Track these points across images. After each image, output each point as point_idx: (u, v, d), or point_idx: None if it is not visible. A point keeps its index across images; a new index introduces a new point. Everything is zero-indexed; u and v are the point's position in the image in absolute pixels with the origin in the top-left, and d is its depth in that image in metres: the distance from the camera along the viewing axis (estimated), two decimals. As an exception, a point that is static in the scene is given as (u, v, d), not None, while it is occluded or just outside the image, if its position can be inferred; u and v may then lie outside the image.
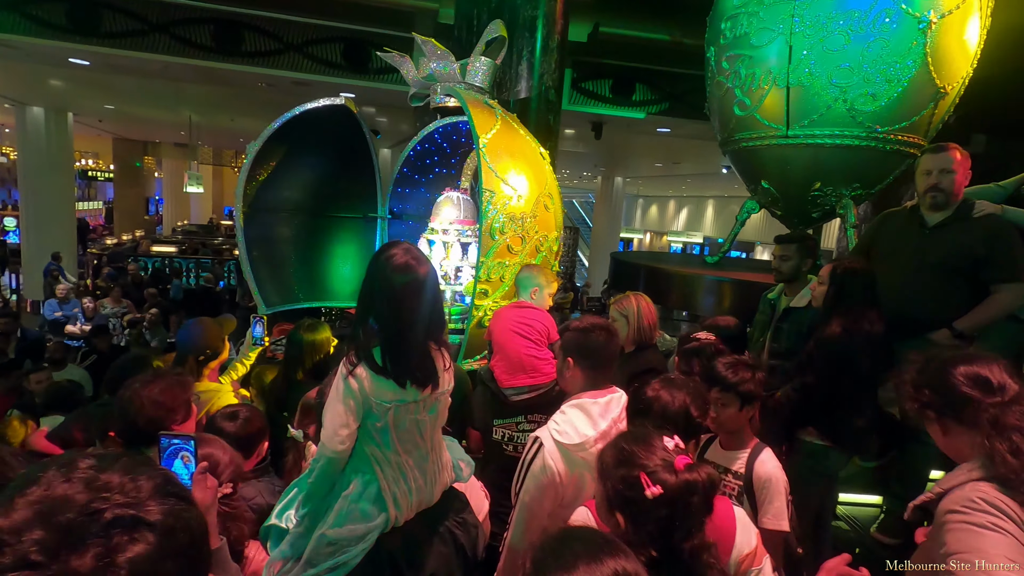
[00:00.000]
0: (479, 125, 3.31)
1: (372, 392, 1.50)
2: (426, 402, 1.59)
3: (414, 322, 1.52)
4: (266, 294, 4.24)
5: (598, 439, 1.64)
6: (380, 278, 1.51)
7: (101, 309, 8.55)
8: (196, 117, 13.44)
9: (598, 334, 1.74)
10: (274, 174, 4.29)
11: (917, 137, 3.81)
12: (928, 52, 3.47)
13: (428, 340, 1.58)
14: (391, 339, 1.51)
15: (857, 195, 4.05)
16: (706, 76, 4.48)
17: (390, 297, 1.50)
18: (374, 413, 1.52)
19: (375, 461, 1.56)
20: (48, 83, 9.76)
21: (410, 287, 1.51)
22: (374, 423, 1.53)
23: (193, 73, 7.59)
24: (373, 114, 10.62)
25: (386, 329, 1.51)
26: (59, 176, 12.52)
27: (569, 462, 1.64)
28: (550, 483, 1.63)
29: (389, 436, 1.55)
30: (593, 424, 1.67)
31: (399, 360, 1.51)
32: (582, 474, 1.64)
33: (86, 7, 6.42)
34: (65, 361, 4.84)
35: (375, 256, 1.57)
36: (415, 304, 1.52)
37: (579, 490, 1.66)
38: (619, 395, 1.76)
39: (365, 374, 1.49)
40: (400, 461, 1.58)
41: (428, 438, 1.64)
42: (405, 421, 1.56)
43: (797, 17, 3.62)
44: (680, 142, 10.67)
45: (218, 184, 27.82)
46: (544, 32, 5.44)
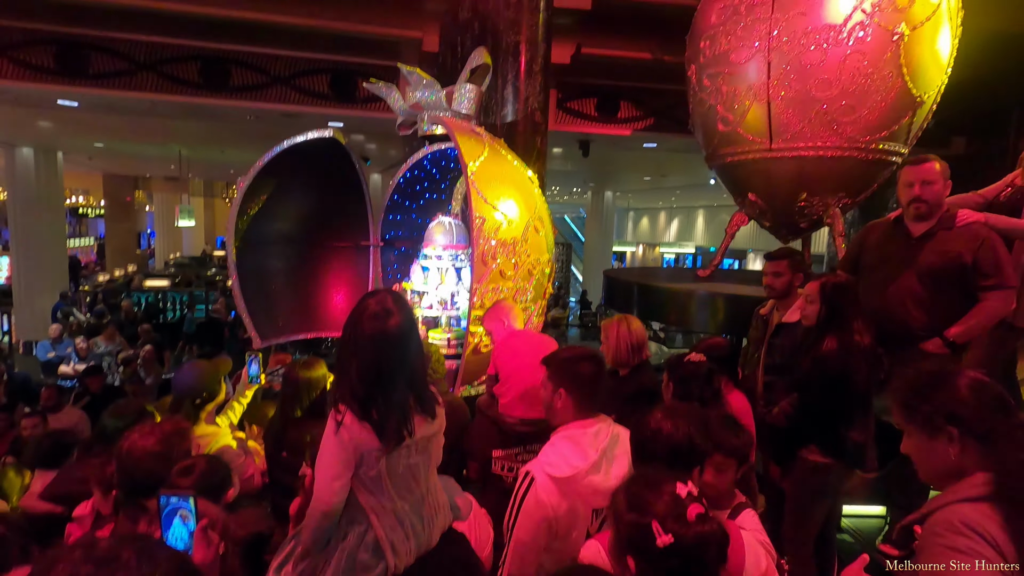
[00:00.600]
0: (467, 153, 3.34)
1: (362, 440, 1.48)
2: (418, 445, 1.58)
3: (392, 370, 1.51)
4: (260, 327, 4.23)
5: (589, 470, 1.63)
6: (356, 328, 1.51)
7: (95, 348, 8.48)
8: (186, 151, 13.50)
9: (586, 364, 1.74)
10: (265, 207, 4.31)
11: (898, 145, 3.88)
12: (903, 63, 3.55)
13: (409, 387, 1.56)
14: (371, 388, 1.49)
15: (843, 205, 4.11)
16: (688, 93, 4.57)
17: (366, 347, 1.50)
18: (366, 462, 1.50)
19: (371, 510, 1.53)
20: (37, 124, 9.80)
21: (384, 336, 1.50)
22: (367, 472, 1.51)
23: (182, 109, 7.65)
24: (362, 141, 10.71)
25: (366, 378, 1.49)
26: (50, 215, 12.51)
27: (562, 495, 1.63)
28: (543, 519, 1.62)
29: (383, 484, 1.53)
30: (583, 455, 1.66)
31: (381, 408, 1.49)
32: (575, 507, 1.63)
33: (73, 50, 6.48)
34: (61, 405, 4.79)
35: (355, 305, 1.57)
36: (391, 353, 1.51)
37: (573, 522, 1.64)
38: (607, 424, 1.75)
39: (353, 423, 1.48)
40: (396, 508, 1.55)
41: (423, 482, 1.62)
42: (398, 466, 1.54)
43: (774, 33, 3.71)
44: (667, 155, 10.79)
45: (209, 215, 27.84)
46: (527, 56, 5.54)
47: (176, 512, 1.09)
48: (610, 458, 1.69)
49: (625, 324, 2.49)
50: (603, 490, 1.59)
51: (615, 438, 1.74)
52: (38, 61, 6.45)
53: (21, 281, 12.29)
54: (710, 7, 4.11)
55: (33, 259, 12.15)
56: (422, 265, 4.19)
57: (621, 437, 1.75)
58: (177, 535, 1.09)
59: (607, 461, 1.67)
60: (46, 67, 6.47)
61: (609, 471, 1.66)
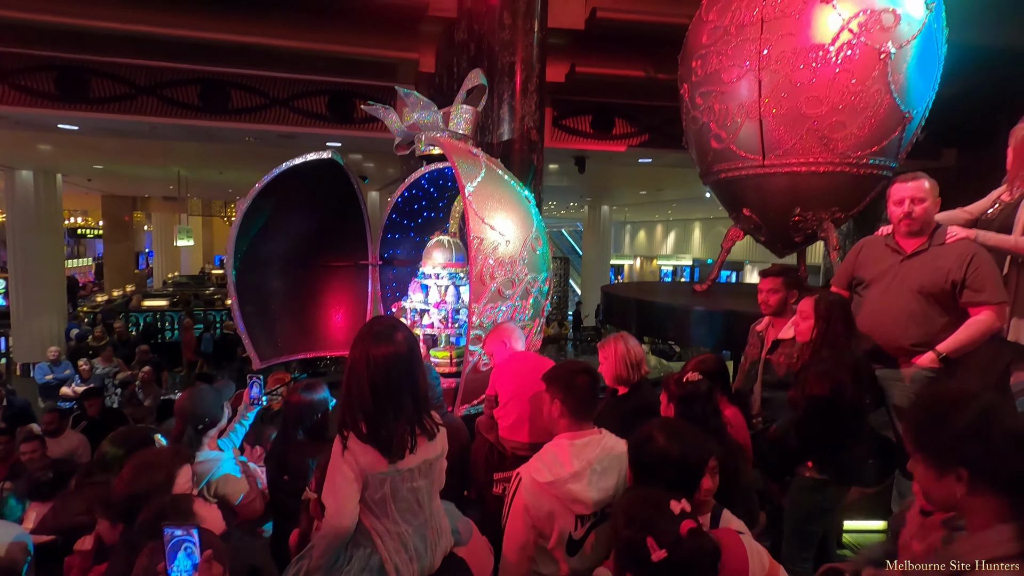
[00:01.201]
0: (464, 174, 3.39)
1: (367, 464, 1.52)
2: (421, 469, 1.61)
3: (399, 392, 1.56)
4: (260, 348, 4.23)
5: (569, 479, 1.71)
6: (363, 351, 1.56)
7: (94, 370, 8.45)
8: (185, 172, 13.59)
9: (582, 378, 1.83)
10: (264, 228, 4.34)
11: (888, 160, 3.94)
12: (891, 80, 3.63)
13: (412, 410, 1.60)
14: (378, 409, 1.54)
15: (836, 219, 4.16)
16: (682, 111, 4.64)
17: (374, 369, 1.54)
18: (371, 484, 1.54)
19: (375, 533, 1.57)
20: (37, 147, 9.87)
21: (391, 360, 1.55)
22: (372, 495, 1.55)
23: (182, 131, 7.72)
24: (360, 160, 10.80)
25: (373, 400, 1.54)
26: (48, 236, 12.52)
27: (541, 498, 1.72)
28: (526, 517, 1.73)
29: (387, 507, 1.57)
30: (567, 464, 1.74)
31: (388, 429, 1.54)
32: (554, 510, 1.71)
33: (74, 75, 6.56)
34: (62, 429, 4.77)
35: (361, 329, 1.62)
36: (398, 375, 1.56)
37: (552, 525, 1.72)
38: (600, 437, 1.82)
39: (358, 447, 1.52)
40: (400, 531, 1.58)
41: (426, 505, 1.66)
42: (402, 489, 1.58)
43: (764, 52, 3.79)
44: (662, 170, 10.89)
45: (208, 234, 27.92)
46: (522, 76, 5.62)
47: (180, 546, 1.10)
48: (597, 470, 1.75)
49: (623, 342, 2.51)
50: (583, 499, 1.70)
51: (608, 451, 1.79)
52: (39, 86, 6.52)
53: (19, 303, 12.27)
54: (701, 28, 4.20)
55: (31, 281, 12.15)
56: (422, 284, 4.21)
57: (616, 451, 1.80)
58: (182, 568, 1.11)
59: (593, 472, 1.73)
60: (47, 92, 6.54)
61: (594, 482, 1.73)
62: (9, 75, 6.43)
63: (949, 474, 1.13)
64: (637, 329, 4.67)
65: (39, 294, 12.12)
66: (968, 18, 4.28)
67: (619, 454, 1.79)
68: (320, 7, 6.15)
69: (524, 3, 5.54)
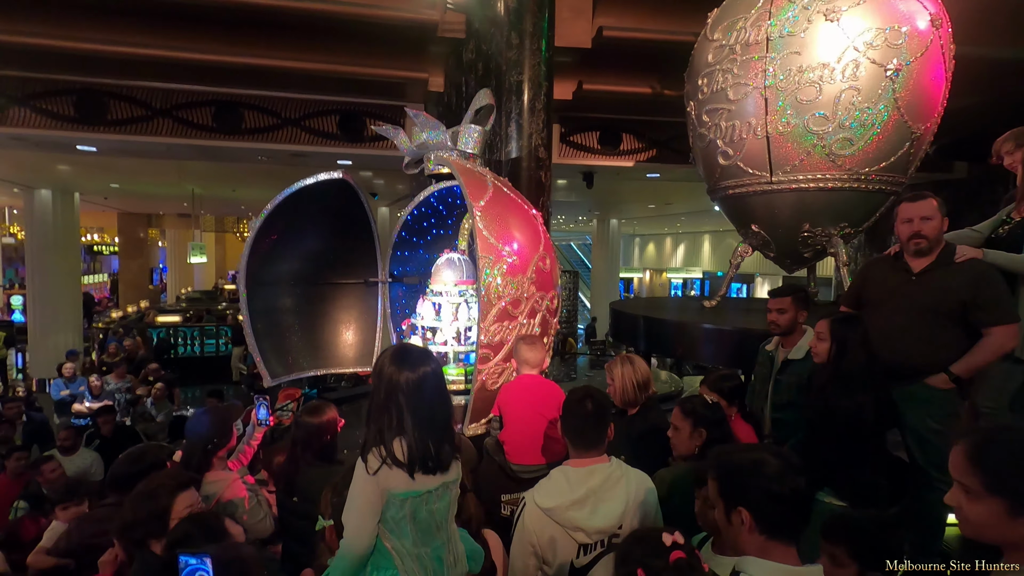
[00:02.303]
0: (472, 193, 3.42)
1: (389, 485, 1.54)
2: (439, 492, 1.63)
3: (425, 415, 1.58)
4: (271, 365, 4.27)
5: (571, 505, 1.71)
6: (390, 375, 1.58)
7: (106, 386, 8.54)
8: (198, 190, 13.81)
9: (585, 405, 1.83)
10: (275, 246, 4.40)
11: (897, 175, 3.93)
12: (897, 97, 3.63)
13: (441, 430, 1.64)
14: (403, 431, 1.56)
15: (845, 234, 4.14)
16: (688, 128, 4.66)
17: (402, 393, 1.57)
18: (392, 506, 1.56)
19: (396, 554, 1.58)
20: (56, 168, 10.10)
21: (416, 383, 1.58)
22: (393, 516, 1.57)
23: (195, 152, 7.88)
24: (370, 177, 10.92)
25: (399, 422, 1.56)
26: (66, 254, 12.75)
27: (543, 523, 1.73)
28: (528, 542, 1.74)
29: (407, 528, 1.58)
30: (569, 490, 1.74)
31: (413, 450, 1.56)
32: (555, 536, 1.72)
33: (92, 98, 6.73)
34: (77, 446, 4.82)
35: (382, 354, 1.65)
36: (424, 400, 1.59)
37: (554, 551, 1.73)
38: (606, 465, 1.81)
39: (383, 469, 1.54)
40: (419, 553, 1.60)
41: (443, 528, 1.67)
42: (422, 511, 1.59)
43: (769, 71, 3.81)
44: (670, 184, 10.91)
45: (220, 250, 28.27)
46: (530, 94, 5.69)
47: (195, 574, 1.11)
48: (601, 498, 1.74)
49: (629, 364, 2.52)
50: (584, 527, 1.70)
51: (614, 480, 1.78)
52: (58, 109, 6.70)
53: (36, 319, 12.47)
54: (706, 46, 4.23)
55: (48, 297, 12.34)
56: (433, 301, 4.23)
57: (624, 480, 1.79)
58: None
59: (596, 500, 1.73)
60: (66, 115, 6.72)
61: (596, 509, 1.73)
62: (31, 99, 6.62)
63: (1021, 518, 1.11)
64: (645, 346, 4.65)
65: (56, 311, 12.30)
66: (978, 30, 4.28)
67: (627, 482, 1.78)
68: (331, 28, 6.28)
69: (531, 23, 5.63)
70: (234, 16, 6.09)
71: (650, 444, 2.32)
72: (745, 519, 1.28)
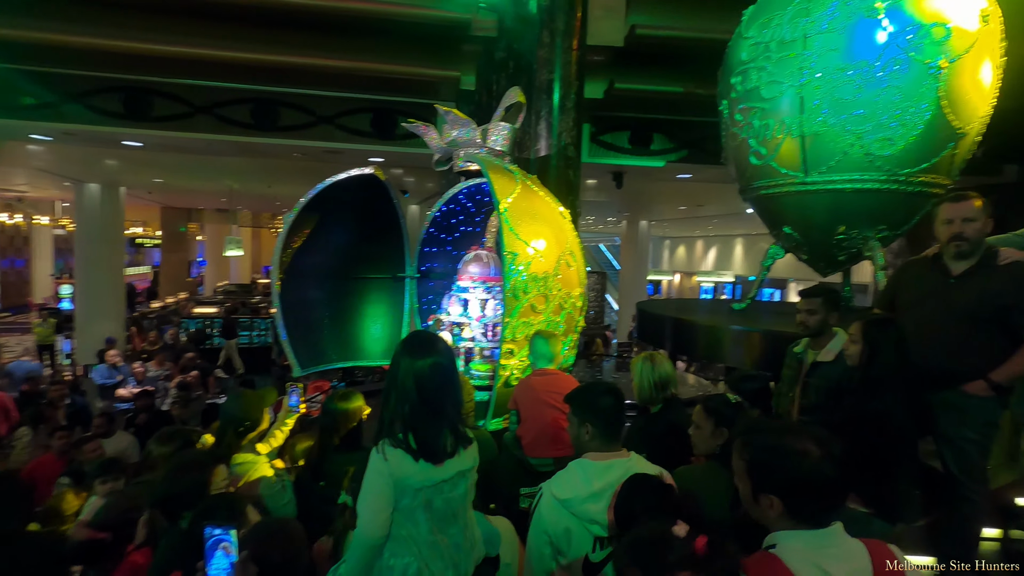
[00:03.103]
0: (500, 190, 3.45)
1: (403, 474, 1.56)
2: (455, 481, 1.65)
3: (437, 402, 1.61)
4: (300, 356, 4.38)
5: (587, 497, 1.72)
6: (403, 363, 1.62)
7: (147, 372, 8.90)
8: (236, 185, 14.22)
9: (605, 399, 1.83)
10: (308, 241, 4.51)
11: (940, 177, 3.78)
12: (942, 95, 3.50)
13: (452, 418, 1.66)
14: (416, 420, 1.59)
15: (883, 237, 4.01)
16: (721, 128, 4.58)
17: (414, 381, 1.59)
18: (407, 495, 1.58)
19: (412, 542, 1.61)
20: (104, 163, 10.55)
21: (431, 371, 1.60)
22: (408, 504, 1.59)
23: (233, 148, 8.13)
24: (401, 175, 11.07)
25: (409, 412, 1.59)
26: (111, 246, 13.30)
27: (558, 514, 1.74)
28: (543, 531, 1.76)
29: (424, 515, 1.61)
30: (586, 483, 1.75)
31: (425, 439, 1.59)
32: (569, 528, 1.72)
33: (139, 95, 7.02)
34: (112, 431, 5.03)
35: (398, 345, 1.68)
36: (438, 387, 1.61)
37: (569, 542, 1.73)
38: (626, 460, 1.80)
39: (395, 458, 1.57)
40: (436, 541, 1.62)
41: (460, 516, 1.69)
42: (437, 500, 1.61)
43: (806, 70, 3.71)
44: (702, 186, 10.74)
45: (256, 244, 29.03)
46: (561, 93, 5.69)
47: (219, 544, 1.15)
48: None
49: (649, 362, 2.50)
50: (602, 520, 1.70)
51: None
52: (108, 106, 7.00)
53: (83, 308, 13.03)
54: (740, 44, 4.15)
55: (94, 287, 12.89)
56: (461, 297, 4.27)
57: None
58: (219, 566, 1.15)
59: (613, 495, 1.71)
60: (114, 111, 7.01)
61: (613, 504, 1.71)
62: (83, 96, 6.93)
63: None
64: (671, 348, 4.58)
65: (100, 300, 12.84)
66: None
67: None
68: (365, 27, 6.40)
69: (563, 22, 5.62)
70: (272, 16, 6.27)
71: (671, 442, 2.30)
72: (775, 506, 1.24)
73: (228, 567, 1.14)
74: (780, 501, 1.23)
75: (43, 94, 6.81)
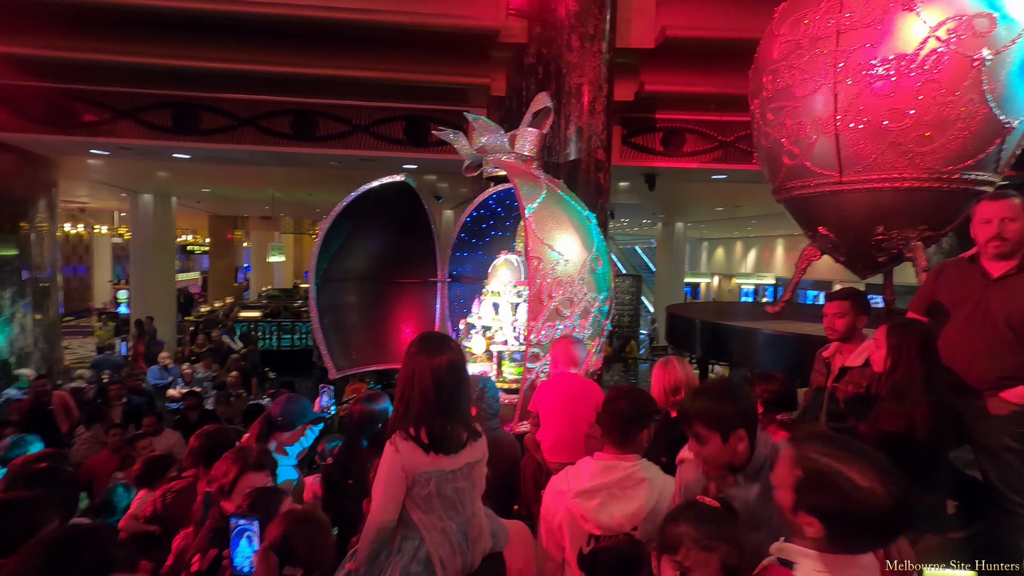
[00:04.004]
0: (525, 195, 3.49)
1: (414, 465, 1.66)
2: (464, 471, 1.74)
3: (450, 397, 1.71)
4: (336, 358, 4.52)
5: (580, 493, 1.79)
6: (418, 360, 1.72)
7: (196, 374, 9.33)
8: (278, 194, 14.73)
9: (620, 404, 1.87)
10: (343, 246, 4.65)
11: (986, 174, 3.63)
12: (986, 89, 3.36)
13: (461, 413, 1.76)
14: (429, 415, 1.69)
15: (926, 237, 3.86)
16: (752, 127, 4.51)
17: (430, 377, 1.69)
18: (419, 484, 1.68)
19: (423, 527, 1.70)
20: (156, 174, 11.14)
21: (443, 367, 1.70)
22: (420, 492, 1.69)
23: (275, 158, 8.44)
24: (434, 181, 11.25)
25: (423, 408, 1.69)
26: (163, 253, 14.02)
27: (556, 505, 1.85)
28: (545, 521, 1.88)
29: (434, 504, 1.70)
30: (583, 479, 1.82)
31: (438, 433, 1.68)
32: (563, 522, 1.82)
33: (187, 110, 7.39)
34: (161, 429, 5.30)
35: (411, 344, 1.78)
36: (450, 381, 1.71)
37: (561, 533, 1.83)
38: (628, 464, 1.83)
39: (407, 449, 1.67)
40: (445, 527, 1.71)
41: (468, 505, 1.78)
42: (447, 489, 1.71)
43: (840, 65, 3.62)
44: (739, 186, 10.49)
45: (298, 250, 29.94)
46: (590, 97, 5.69)
47: (243, 534, 1.23)
48: (615, 495, 1.78)
49: (662, 368, 2.52)
50: (592, 518, 1.76)
51: (634, 480, 1.80)
52: (158, 121, 7.40)
53: (138, 312, 13.75)
54: (772, 42, 4.08)
55: (148, 292, 13.59)
56: (494, 302, 4.32)
57: (647, 484, 1.80)
58: (243, 554, 1.23)
59: (608, 496, 1.77)
60: (164, 126, 7.41)
61: (607, 505, 1.77)
62: (135, 112, 7.36)
63: None
64: (702, 351, 4.52)
65: (153, 304, 13.51)
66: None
67: (651, 486, 1.79)
68: (397, 38, 6.56)
69: (592, 26, 5.63)
70: (309, 30, 6.50)
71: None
72: (815, 527, 1.15)
73: (250, 554, 1.22)
74: (822, 526, 1.14)
75: (99, 111, 7.26)
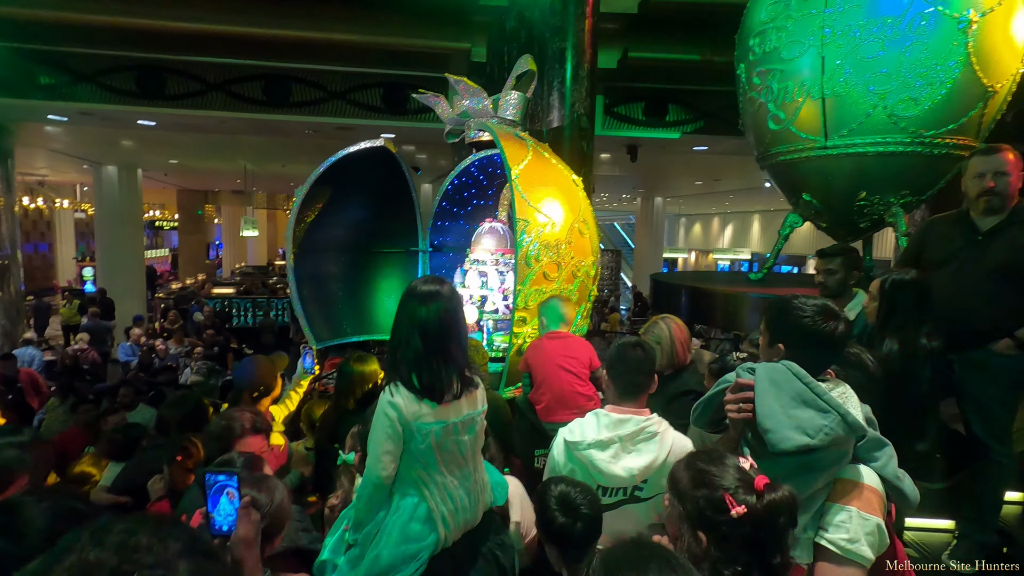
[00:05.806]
0: (511, 157, 3.40)
1: (412, 416, 1.58)
2: (464, 423, 1.68)
3: (443, 343, 1.63)
4: (316, 330, 4.41)
5: (592, 444, 1.74)
6: (410, 306, 1.64)
7: (168, 351, 9.08)
8: (251, 166, 14.30)
9: (635, 351, 1.83)
10: (321, 215, 4.51)
11: (968, 139, 3.65)
12: (971, 52, 3.36)
13: (455, 359, 1.67)
14: (422, 361, 1.61)
15: (907, 202, 3.90)
16: (738, 93, 4.47)
17: (420, 322, 1.62)
18: (417, 436, 1.60)
19: (422, 483, 1.64)
20: (120, 143, 10.66)
21: (438, 311, 1.63)
22: (418, 446, 1.61)
23: (247, 126, 8.15)
24: (412, 151, 11.02)
25: (416, 352, 1.61)
26: (130, 228, 13.52)
27: (565, 457, 1.80)
28: (554, 469, 1.84)
29: (434, 457, 1.63)
30: (596, 431, 1.77)
31: (431, 380, 1.61)
32: (574, 470, 1.77)
33: (152, 73, 7.04)
34: (136, 403, 5.16)
35: (405, 290, 1.70)
36: (445, 325, 1.64)
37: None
38: (641, 418, 1.78)
39: (403, 399, 1.58)
40: (445, 482, 1.65)
41: (469, 460, 1.72)
42: (447, 443, 1.64)
43: (828, 28, 3.59)
44: (719, 159, 10.54)
45: (272, 227, 29.27)
46: (573, 62, 5.57)
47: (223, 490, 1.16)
48: (627, 448, 1.74)
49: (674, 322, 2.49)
50: (604, 470, 1.72)
51: (647, 434, 1.76)
52: (121, 85, 7.04)
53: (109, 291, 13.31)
54: (760, 4, 4.02)
55: (115, 269, 13.14)
56: (479, 271, 4.25)
57: (659, 439, 1.77)
58: (224, 512, 1.16)
59: (622, 448, 1.74)
60: (128, 90, 7.05)
61: (619, 457, 1.73)
62: (97, 75, 6.97)
63: None
64: (687, 317, 4.54)
65: (121, 281, 13.09)
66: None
67: (662, 441, 1.75)
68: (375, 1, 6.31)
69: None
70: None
71: (684, 405, 2.27)
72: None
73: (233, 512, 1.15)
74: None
75: (57, 74, 6.86)
